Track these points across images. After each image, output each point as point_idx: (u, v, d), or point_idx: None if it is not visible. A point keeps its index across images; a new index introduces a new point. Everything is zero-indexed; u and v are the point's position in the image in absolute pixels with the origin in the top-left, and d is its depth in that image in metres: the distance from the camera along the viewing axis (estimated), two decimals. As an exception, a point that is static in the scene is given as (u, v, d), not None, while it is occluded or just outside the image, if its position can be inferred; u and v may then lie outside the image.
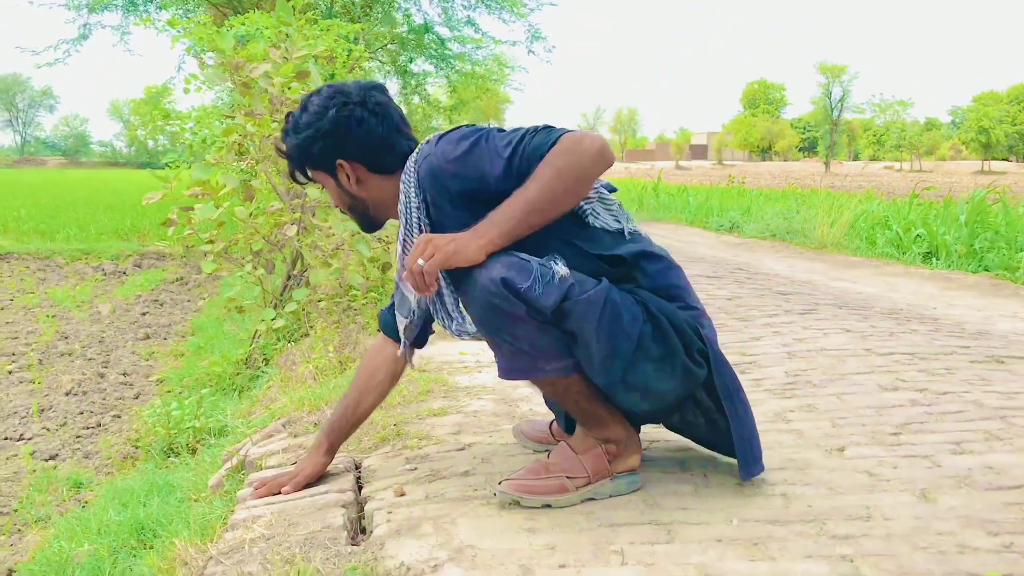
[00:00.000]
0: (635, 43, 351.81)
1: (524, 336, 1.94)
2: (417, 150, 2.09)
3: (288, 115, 2.17)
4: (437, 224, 2.05)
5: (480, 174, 1.96)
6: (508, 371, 2.04)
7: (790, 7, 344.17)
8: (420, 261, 1.88)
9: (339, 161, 2.10)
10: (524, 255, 1.91)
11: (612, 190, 2.13)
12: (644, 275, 2.07)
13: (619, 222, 2.10)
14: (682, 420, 2.31)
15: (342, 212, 2.29)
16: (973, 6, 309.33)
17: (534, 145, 1.92)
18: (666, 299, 2.06)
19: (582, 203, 2.03)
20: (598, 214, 2.07)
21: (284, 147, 2.17)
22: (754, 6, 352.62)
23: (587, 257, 2.02)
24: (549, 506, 2.03)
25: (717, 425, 2.19)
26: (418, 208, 2.07)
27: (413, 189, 2.06)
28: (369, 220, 2.25)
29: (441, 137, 2.05)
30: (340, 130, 2.07)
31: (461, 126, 2.06)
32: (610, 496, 2.10)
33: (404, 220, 2.12)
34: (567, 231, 2.01)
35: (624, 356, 1.96)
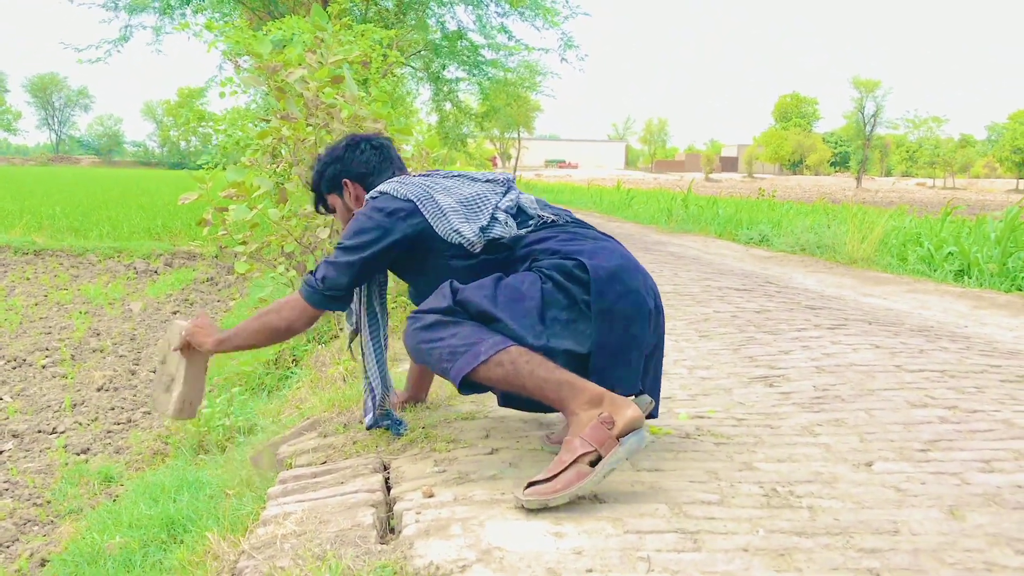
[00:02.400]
0: (667, 54, 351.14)
1: (449, 335, 2.23)
2: (372, 194, 2.60)
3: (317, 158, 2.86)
4: None
5: None
6: (456, 372, 2.20)
7: (825, 21, 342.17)
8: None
9: (344, 180, 2.75)
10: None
11: (520, 215, 2.53)
12: (538, 252, 2.42)
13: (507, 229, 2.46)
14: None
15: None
16: (1011, 24, 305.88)
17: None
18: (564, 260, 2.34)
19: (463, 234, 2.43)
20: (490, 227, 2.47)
21: (312, 178, 2.85)
22: (788, 20, 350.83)
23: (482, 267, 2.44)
24: (578, 496, 2.06)
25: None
26: None
27: None
28: None
29: (365, 208, 2.57)
30: (346, 156, 2.76)
31: (366, 208, 2.55)
32: (626, 459, 2.11)
33: None
34: (456, 270, 2.46)
35: (534, 311, 2.24)
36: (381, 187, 2.57)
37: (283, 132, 4.95)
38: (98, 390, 5.50)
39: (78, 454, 4.30)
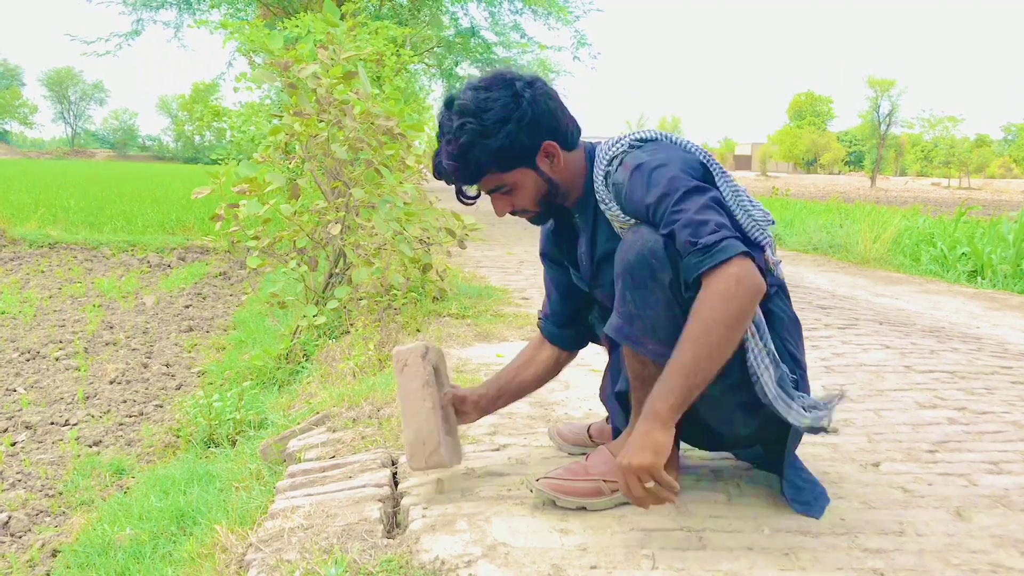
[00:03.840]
0: (681, 51, 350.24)
1: (653, 305, 1.89)
2: (611, 150, 2.08)
3: (453, 131, 2.00)
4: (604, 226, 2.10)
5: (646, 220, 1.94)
6: (617, 329, 1.98)
7: (840, 20, 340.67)
8: (649, 485, 1.79)
9: (547, 144, 2.04)
10: None
11: (771, 222, 2.05)
12: (773, 309, 2.04)
13: (775, 256, 2.06)
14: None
15: (524, 213, 2.17)
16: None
17: (690, 265, 1.81)
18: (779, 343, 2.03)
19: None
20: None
21: (466, 161, 2.01)
22: (803, 18, 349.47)
23: None
24: (584, 508, 2.06)
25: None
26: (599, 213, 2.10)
27: (605, 194, 2.05)
28: (555, 207, 2.16)
29: (637, 150, 2.03)
30: (539, 110, 2.01)
31: (649, 149, 2.01)
32: None
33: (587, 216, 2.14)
34: None
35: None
36: (640, 135, 2.09)
37: (295, 128, 4.97)
38: (111, 383, 5.53)
39: (90, 446, 4.33)
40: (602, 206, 2.06)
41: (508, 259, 8.49)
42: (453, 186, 2.13)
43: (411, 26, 15.57)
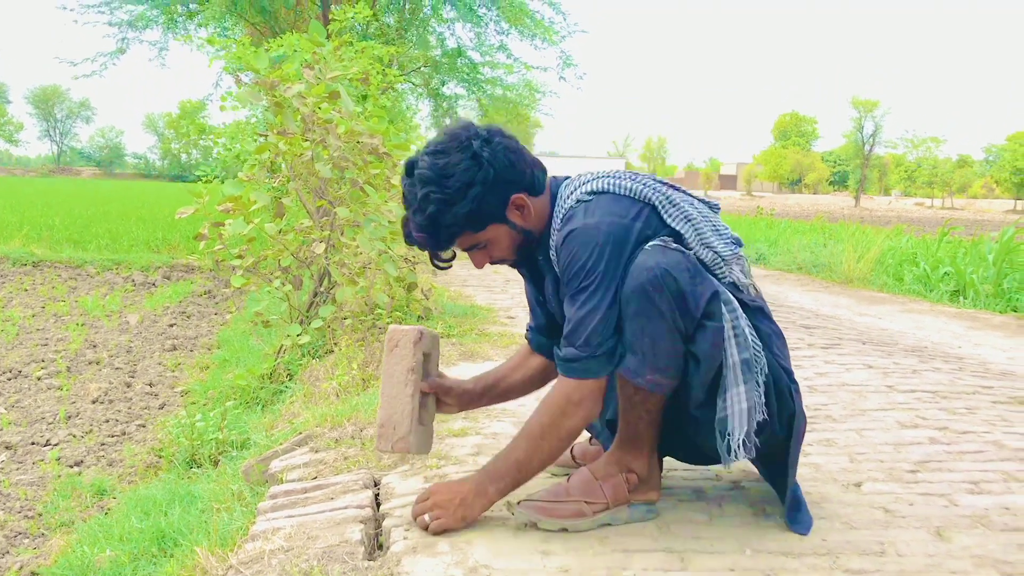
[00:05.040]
0: (666, 71, 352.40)
1: (651, 336, 1.90)
2: (565, 203, 2.08)
3: (419, 201, 2.00)
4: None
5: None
6: (626, 371, 2.00)
7: (825, 41, 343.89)
8: (426, 518, 2.03)
9: (515, 197, 2.03)
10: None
11: (736, 250, 2.11)
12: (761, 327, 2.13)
13: (746, 279, 2.14)
14: None
15: (503, 262, 2.19)
16: (1009, 46, 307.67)
17: (555, 356, 2.04)
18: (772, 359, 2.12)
19: (721, 265, 2.06)
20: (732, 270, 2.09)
21: (436, 230, 2.02)
22: (789, 39, 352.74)
23: None
24: (565, 530, 2.05)
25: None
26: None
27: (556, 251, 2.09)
28: (529, 251, 2.18)
29: (580, 208, 2.04)
30: (501, 166, 1.99)
31: (589, 209, 2.03)
32: (626, 523, 2.11)
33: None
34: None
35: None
36: (591, 186, 2.07)
37: (280, 147, 4.97)
38: (93, 402, 5.50)
39: (71, 467, 4.30)
40: (553, 261, 2.12)
41: (494, 278, 8.50)
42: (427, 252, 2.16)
43: (398, 46, 15.63)
